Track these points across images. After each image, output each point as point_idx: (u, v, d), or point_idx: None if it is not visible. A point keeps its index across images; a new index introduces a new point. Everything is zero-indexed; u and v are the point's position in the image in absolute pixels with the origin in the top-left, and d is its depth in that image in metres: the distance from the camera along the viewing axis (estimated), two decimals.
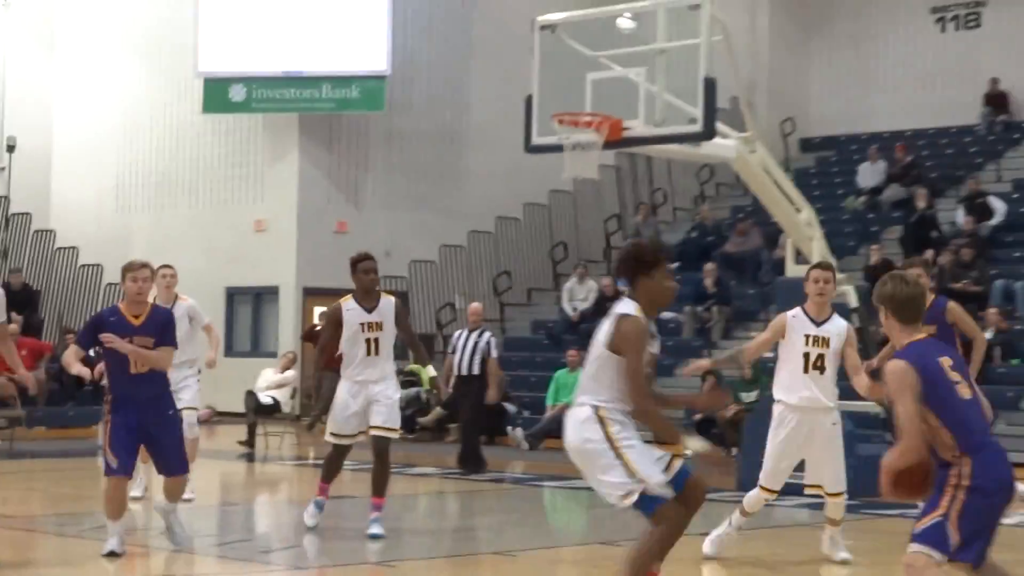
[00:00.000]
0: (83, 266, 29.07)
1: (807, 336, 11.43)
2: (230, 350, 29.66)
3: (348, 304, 12.35)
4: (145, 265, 11.12)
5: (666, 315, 27.11)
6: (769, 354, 21.14)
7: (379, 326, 12.32)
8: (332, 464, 12.79)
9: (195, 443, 14.44)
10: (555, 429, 23.72)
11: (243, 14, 29.45)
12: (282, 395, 23.83)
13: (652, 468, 8.00)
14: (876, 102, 32.76)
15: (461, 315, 29.67)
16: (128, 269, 10.95)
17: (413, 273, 29.66)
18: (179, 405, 14.63)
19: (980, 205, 26.39)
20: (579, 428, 7.93)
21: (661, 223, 31.37)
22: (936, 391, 7.10)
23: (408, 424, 25.42)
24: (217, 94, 29.32)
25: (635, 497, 7.96)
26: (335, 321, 12.36)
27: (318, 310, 28.73)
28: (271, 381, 23.95)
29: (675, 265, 28.85)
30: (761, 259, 27.23)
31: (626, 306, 8.12)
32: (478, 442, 19.79)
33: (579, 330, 26.46)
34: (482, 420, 20.42)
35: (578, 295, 27.50)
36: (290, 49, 29.10)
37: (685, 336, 26.29)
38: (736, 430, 20.83)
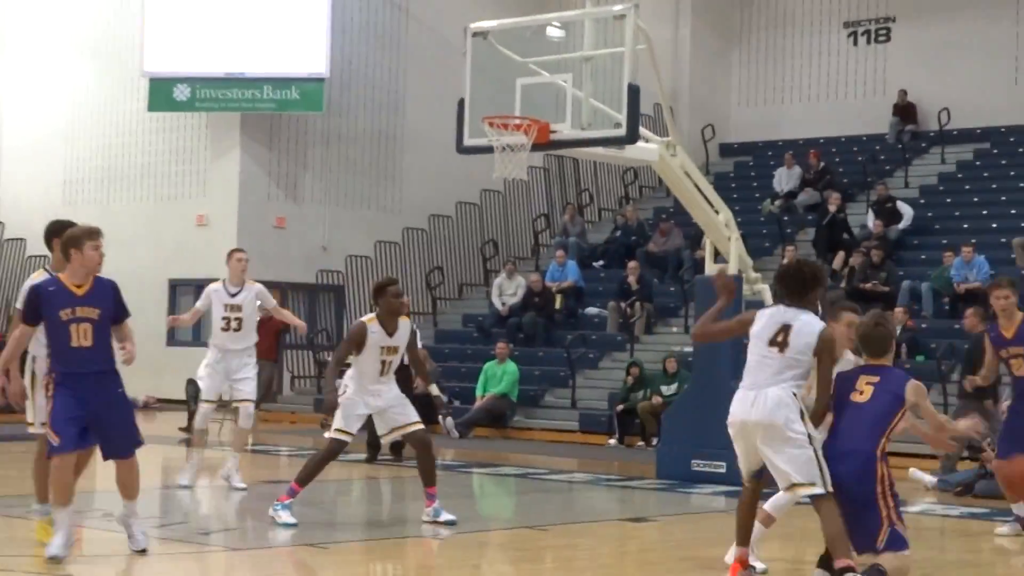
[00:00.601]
0: (30, 257, 28.79)
1: None
2: (172, 339, 29.51)
3: (372, 327, 12.15)
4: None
5: (591, 310, 27.22)
6: (688, 349, 21.33)
7: (395, 350, 12.26)
8: (321, 464, 12.34)
9: (247, 433, 14.91)
10: (484, 418, 23.80)
11: (188, 16, 29.26)
12: None
13: None
14: (792, 111, 32.96)
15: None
16: (88, 236, 10.12)
17: (349, 268, 29.59)
18: (241, 396, 14.68)
19: (889, 210, 26.58)
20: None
21: (587, 222, 31.44)
22: None
23: None
24: (162, 93, 29.13)
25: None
26: (358, 342, 12.10)
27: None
28: None
29: (600, 263, 29.01)
30: (682, 258, 27.34)
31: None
32: None
33: (507, 324, 26.51)
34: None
35: (507, 290, 27.52)
36: (233, 51, 28.95)
37: (609, 331, 26.36)
38: (656, 422, 20.92)
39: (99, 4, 31.29)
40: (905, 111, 31.03)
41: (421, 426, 12.36)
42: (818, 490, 8.97)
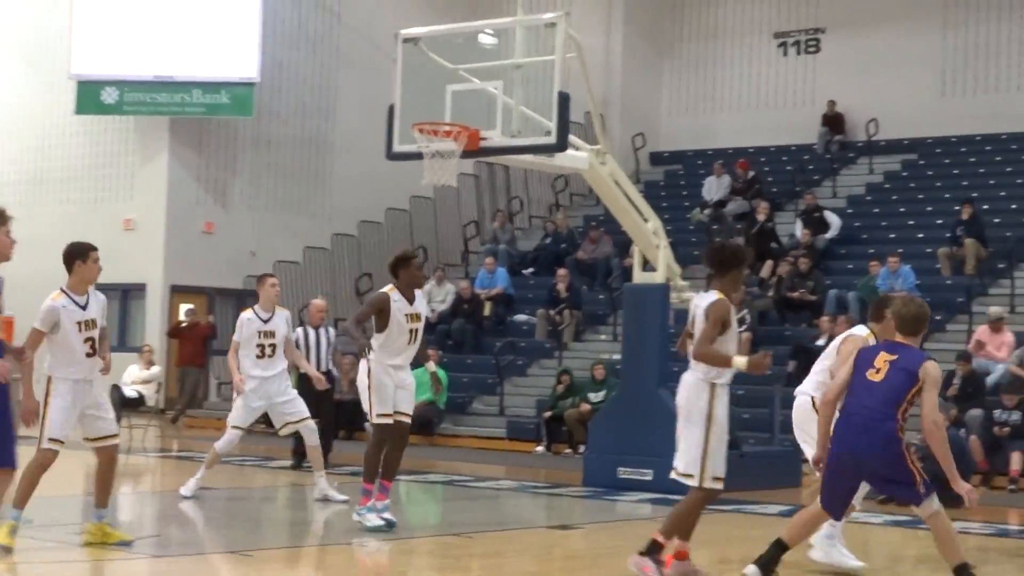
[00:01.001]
0: None
1: None
2: None
3: (394, 295, 12.29)
4: None
5: (520, 317, 27.26)
6: (616, 356, 21.37)
7: (419, 317, 12.45)
8: (379, 454, 12.33)
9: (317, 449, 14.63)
10: (411, 425, 23.73)
11: (116, 19, 29.08)
12: (147, 389, 23.57)
13: None
14: (722, 120, 33.17)
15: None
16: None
17: (278, 273, 29.41)
18: (297, 418, 14.55)
19: (817, 219, 26.81)
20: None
21: (517, 230, 31.51)
22: None
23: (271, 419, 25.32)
24: (89, 96, 28.94)
25: None
26: (380, 308, 12.20)
27: (184, 307, 28.51)
28: (136, 376, 23.67)
29: (529, 271, 29.06)
30: (611, 266, 27.45)
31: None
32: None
33: (437, 330, 26.50)
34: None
35: (437, 297, 27.51)
36: (162, 54, 28.81)
37: (538, 338, 26.42)
38: (583, 429, 20.98)
39: (27, 5, 31.04)
40: (834, 121, 31.30)
41: (409, 418, 12.50)
42: (692, 482, 9.87)
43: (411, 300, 12.36)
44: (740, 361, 9.54)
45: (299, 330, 18.20)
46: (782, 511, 15.26)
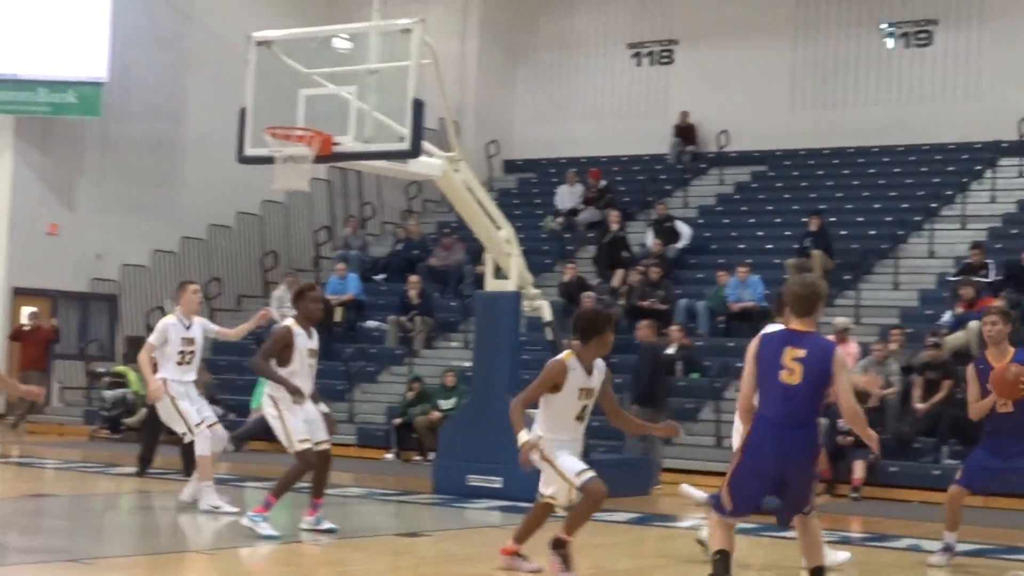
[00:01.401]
0: None
1: None
2: None
3: (297, 330, 12.54)
4: None
5: (371, 324, 27.20)
6: (467, 363, 21.37)
7: (316, 353, 12.79)
8: (299, 477, 12.62)
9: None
10: (259, 431, 23.58)
11: None
12: None
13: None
14: (575, 129, 33.40)
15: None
16: None
17: (125, 277, 29.12)
18: (212, 421, 14.36)
19: (668, 229, 27.11)
20: None
21: (369, 236, 31.44)
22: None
23: (114, 425, 25.02)
24: None
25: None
26: (285, 343, 12.47)
27: (26, 310, 28.02)
28: None
29: (381, 277, 29.01)
30: (463, 273, 27.50)
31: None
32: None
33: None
34: None
35: (286, 302, 27.28)
36: (8, 52, 28.29)
37: (389, 344, 26.38)
38: (433, 436, 20.98)
39: None
40: (686, 132, 31.69)
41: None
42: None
43: (311, 335, 12.67)
44: (521, 437, 10.21)
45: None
46: (631, 518, 15.41)
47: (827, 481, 18.76)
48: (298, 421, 12.43)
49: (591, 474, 10.15)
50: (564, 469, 10.19)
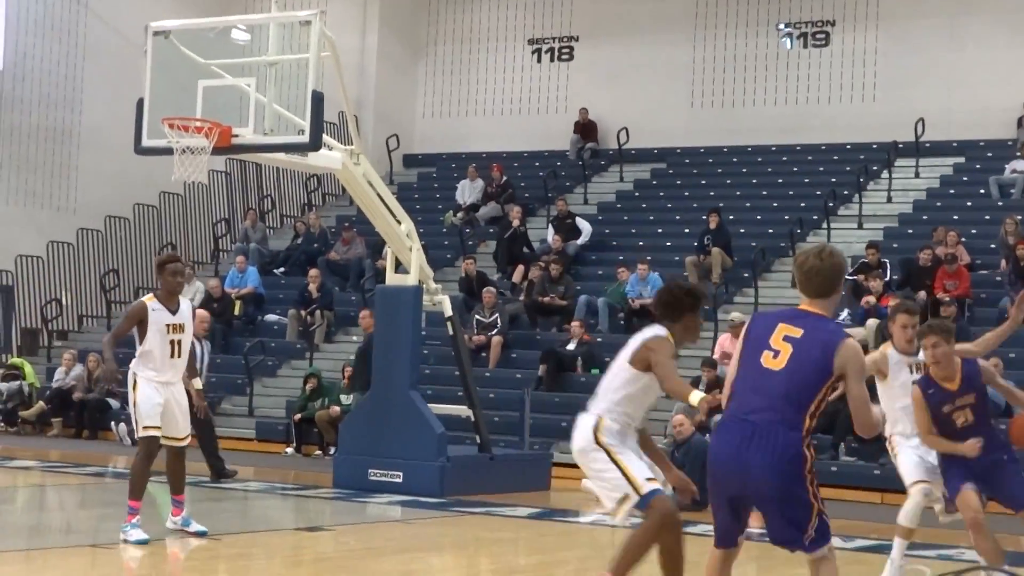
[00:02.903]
0: None
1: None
2: None
3: (153, 304, 11.77)
4: None
5: (271, 317, 27.03)
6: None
7: (182, 328, 11.87)
8: (147, 469, 11.82)
9: None
10: None
11: None
12: None
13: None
14: (476, 124, 33.41)
15: (67, 312, 28.90)
16: None
17: (19, 268, 28.70)
18: None
19: (568, 225, 27.19)
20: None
21: (269, 228, 31.25)
22: None
23: (10, 417, 24.69)
24: None
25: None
26: (137, 318, 11.70)
27: None
28: None
29: (281, 270, 28.84)
30: (364, 267, 27.39)
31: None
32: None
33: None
34: None
35: (186, 294, 27.06)
36: None
37: (289, 338, 26.23)
38: (334, 431, 20.90)
39: None
40: (586, 129, 31.80)
41: (183, 442, 12.12)
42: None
43: (174, 310, 11.86)
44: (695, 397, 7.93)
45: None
46: (531, 513, 15.45)
47: None
48: (151, 405, 11.68)
49: (660, 487, 8.40)
50: (632, 470, 8.31)
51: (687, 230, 27.00)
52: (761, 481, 6.79)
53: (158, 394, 11.75)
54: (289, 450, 22.70)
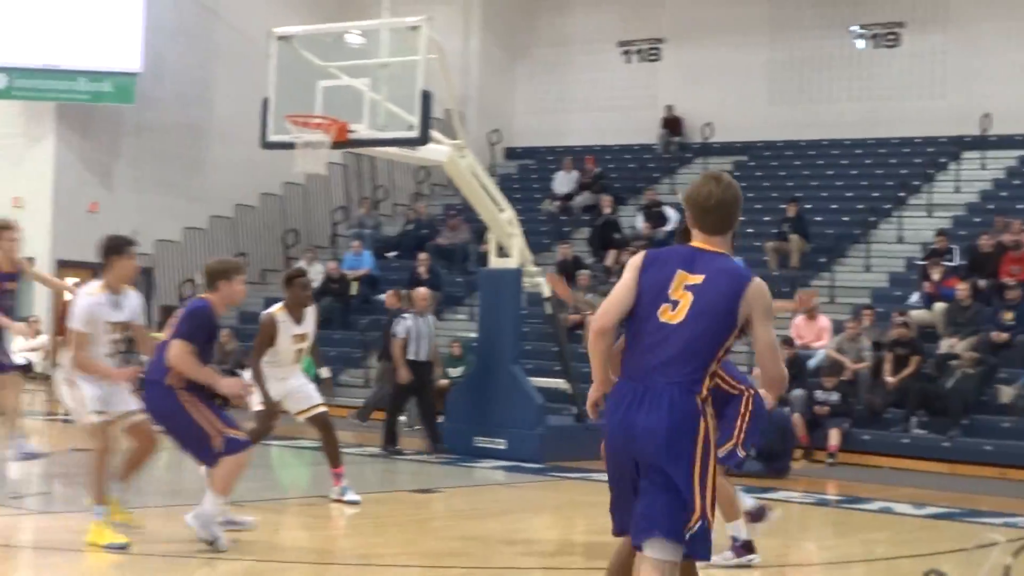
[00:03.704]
0: None
1: None
2: None
3: (281, 316, 11.89)
4: None
5: (382, 296, 27.12)
6: (472, 334, 21.20)
7: (305, 337, 12.06)
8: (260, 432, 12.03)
9: None
10: (380, 403, 23.38)
11: (7, 8, 28.45)
12: (35, 357, 23.15)
13: None
14: (571, 120, 33.35)
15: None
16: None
17: (158, 251, 29.07)
18: None
19: (656, 213, 27.07)
20: None
21: (382, 216, 31.40)
22: None
23: None
24: None
25: None
26: (270, 332, 11.84)
27: (70, 281, 27.96)
28: (24, 344, 23.22)
29: (393, 254, 28.99)
30: (468, 251, 27.45)
31: None
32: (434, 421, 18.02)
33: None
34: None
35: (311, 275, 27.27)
36: (50, 44, 28.22)
37: None
38: (443, 401, 20.93)
39: None
40: (672, 124, 31.65)
41: (324, 408, 12.17)
42: None
43: (299, 320, 11.98)
44: None
45: (404, 316, 17.51)
46: None
47: (805, 448, 18.75)
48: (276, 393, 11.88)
49: None
50: None
51: (767, 218, 26.78)
52: (646, 442, 5.41)
53: (283, 384, 11.97)
54: (402, 418, 22.77)
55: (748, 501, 10.02)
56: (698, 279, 5.54)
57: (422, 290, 17.50)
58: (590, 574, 9.13)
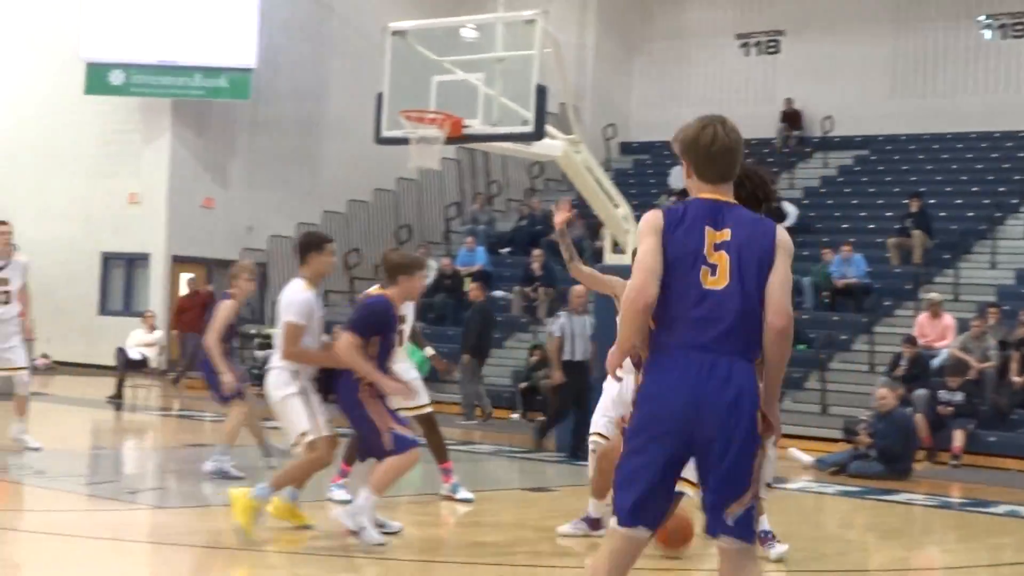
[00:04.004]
0: None
1: None
2: (104, 309, 29.46)
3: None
4: None
5: (497, 293, 27.22)
6: (588, 331, 21.22)
7: (404, 319, 11.70)
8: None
9: (24, 399, 13.74)
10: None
11: (124, 5, 28.96)
12: (150, 352, 23.50)
13: None
14: (687, 113, 32.52)
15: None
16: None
17: (272, 247, 29.42)
18: (14, 364, 13.74)
19: (775, 209, 26.63)
20: None
21: (495, 212, 31.47)
22: None
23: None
24: (98, 78, 28.80)
25: None
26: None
27: (184, 276, 28.40)
28: (140, 340, 23.59)
29: (507, 250, 29.03)
30: (583, 247, 27.37)
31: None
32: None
33: (420, 304, 26.35)
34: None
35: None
36: (167, 40, 28.67)
37: (514, 313, 26.39)
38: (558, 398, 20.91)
39: None
40: (791, 118, 31.34)
41: (430, 408, 12.15)
42: None
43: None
44: None
45: (559, 315, 17.38)
46: None
47: (928, 449, 18.45)
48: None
49: None
50: None
51: (889, 213, 26.44)
52: (724, 426, 5.08)
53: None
54: (515, 416, 22.84)
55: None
56: (726, 235, 5.26)
57: (578, 288, 17.01)
58: (706, 575, 9.08)
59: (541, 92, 15.29)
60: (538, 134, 15.62)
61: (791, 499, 14.19)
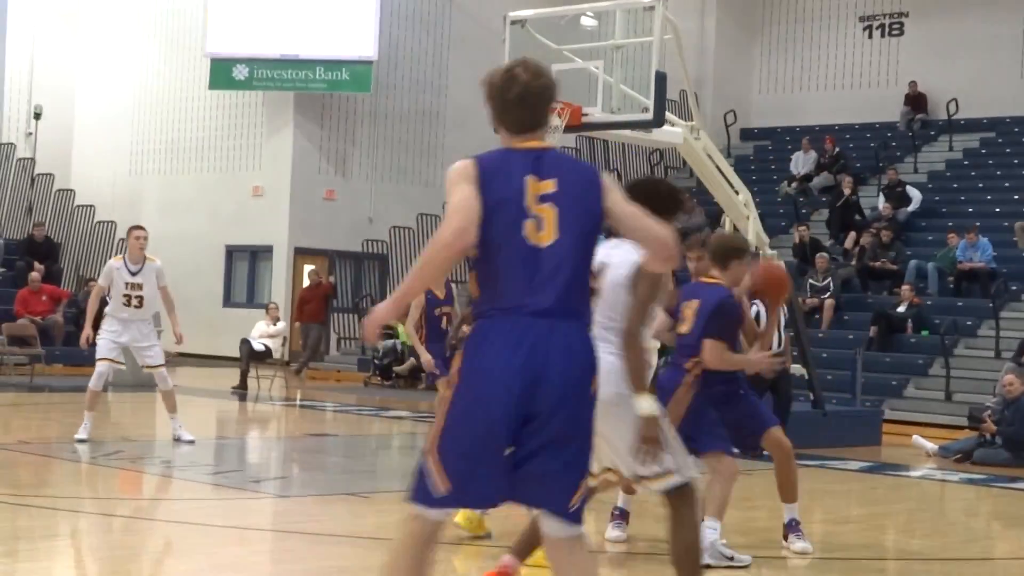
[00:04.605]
0: (98, 222, 28.92)
1: None
2: (228, 301, 29.89)
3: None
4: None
5: None
6: None
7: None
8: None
9: (172, 393, 13.96)
10: None
11: (247, 1, 29.35)
12: (273, 343, 23.80)
13: None
14: (809, 99, 32.82)
15: None
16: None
17: (393, 238, 29.63)
18: (152, 362, 14.01)
19: (899, 193, 26.46)
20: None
21: None
22: None
23: (386, 372, 25.52)
24: (222, 72, 29.23)
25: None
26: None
27: (307, 268, 28.74)
28: (263, 331, 23.91)
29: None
30: (704, 234, 27.24)
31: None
32: None
33: None
34: None
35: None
36: (289, 34, 29.03)
37: None
38: None
39: None
40: (915, 101, 30.86)
41: None
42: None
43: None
44: None
45: (755, 304, 17.36)
46: (862, 467, 15.14)
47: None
48: None
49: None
50: None
51: (1016, 196, 25.96)
52: (561, 397, 4.55)
53: None
54: None
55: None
56: (550, 186, 4.69)
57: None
58: (825, 564, 9.00)
59: (661, 79, 15.22)
60: (658, 121, 15.55)
61: (915, 487, 14.02)
